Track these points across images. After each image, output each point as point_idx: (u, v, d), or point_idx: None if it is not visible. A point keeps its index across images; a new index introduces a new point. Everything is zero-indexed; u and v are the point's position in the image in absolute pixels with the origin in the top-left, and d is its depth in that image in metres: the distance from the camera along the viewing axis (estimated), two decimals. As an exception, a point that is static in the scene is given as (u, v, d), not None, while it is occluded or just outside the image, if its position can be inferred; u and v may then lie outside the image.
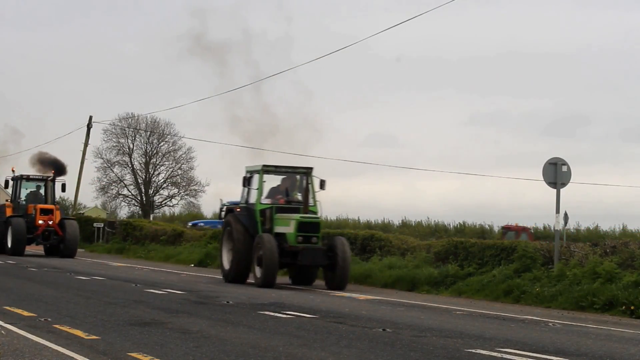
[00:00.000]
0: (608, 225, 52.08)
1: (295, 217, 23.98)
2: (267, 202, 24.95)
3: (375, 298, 21.38)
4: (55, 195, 41.41)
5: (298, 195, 25.23)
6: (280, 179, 25.58)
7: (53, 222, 38.43)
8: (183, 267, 34.28)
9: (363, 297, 21.52)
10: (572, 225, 47.11)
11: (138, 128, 76.83)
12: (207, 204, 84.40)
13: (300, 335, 12.92)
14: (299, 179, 25.28)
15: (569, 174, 23.43)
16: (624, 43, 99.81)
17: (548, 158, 23.39)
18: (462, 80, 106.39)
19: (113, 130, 76.39)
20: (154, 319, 14.41)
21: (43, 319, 13.83)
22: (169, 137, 77.90)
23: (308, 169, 25.04)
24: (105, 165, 78.53)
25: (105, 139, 77.34)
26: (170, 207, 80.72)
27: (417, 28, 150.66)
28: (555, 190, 23.36)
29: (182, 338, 12.14)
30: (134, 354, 10.62)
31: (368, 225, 54.91)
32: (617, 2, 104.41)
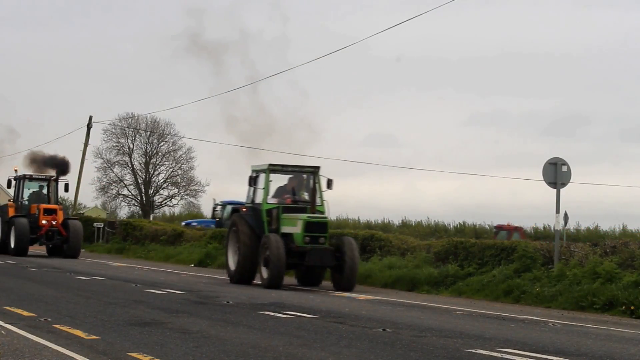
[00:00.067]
0: (608, 225, 51.91)
1: (303, 217, 23.62)
2: (273, 201, 24.57)
3: (375, 298, 21.37)
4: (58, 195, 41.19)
5: (305, 195, 24.87)
6: (287, 179, 25.19)
7: (57, 222, 38.13)
8: (183, 267, 34.27)
9: (363, 297, 21.51)
10: (572, 225, 47.02)
11: (138, 128, 76.86)
12: (207, 204, 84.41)
13: (300, 335, 12.92)
14: (306, 178, 24.93)
15: (569, 174, 23.43)
16: (624, 43, 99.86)
17: (548, 158, 23.41)
18: (462, 80, 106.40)
19: (113, 130, 76.44)
20: (154, 319, 14.41)
21: (43, 319, 13.83)
22: (169, 137, 77.98)
23: (315, 168, 24.69)
24: (105, 165, 78.54)
25: (105, 139, 77.40)
26: (170, 207, 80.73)
27: (417, 28, 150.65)
28: (555, 190, 23.36)
29: (182, 338, 12.14)
30: (134, 354, 10.62)
31: (368, 225, 54.78)
32: (617, 2, 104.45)
